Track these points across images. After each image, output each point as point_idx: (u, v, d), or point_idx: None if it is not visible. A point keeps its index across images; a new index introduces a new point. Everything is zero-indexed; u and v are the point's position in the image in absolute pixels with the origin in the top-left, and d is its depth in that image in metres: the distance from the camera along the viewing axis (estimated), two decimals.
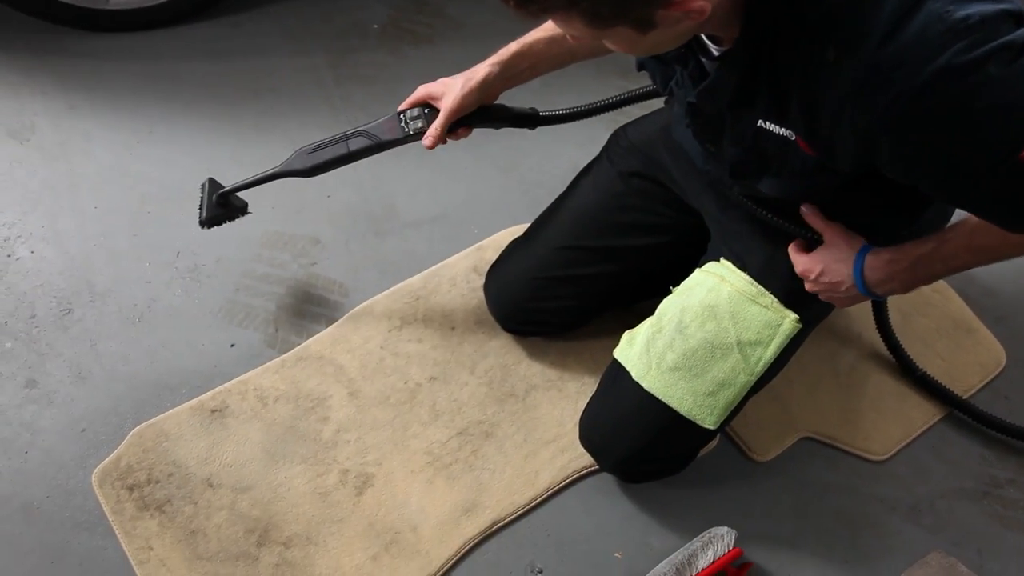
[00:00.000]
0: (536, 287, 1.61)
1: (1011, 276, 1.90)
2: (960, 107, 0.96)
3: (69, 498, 1.48)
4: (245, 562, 1.43)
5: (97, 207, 1.84)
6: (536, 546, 1.50)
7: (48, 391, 1.60)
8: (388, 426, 1.58)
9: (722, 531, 1.48)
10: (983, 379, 1.75)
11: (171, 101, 2.03)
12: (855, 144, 1.05)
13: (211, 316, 1.70)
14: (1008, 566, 1.54)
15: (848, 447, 1.64)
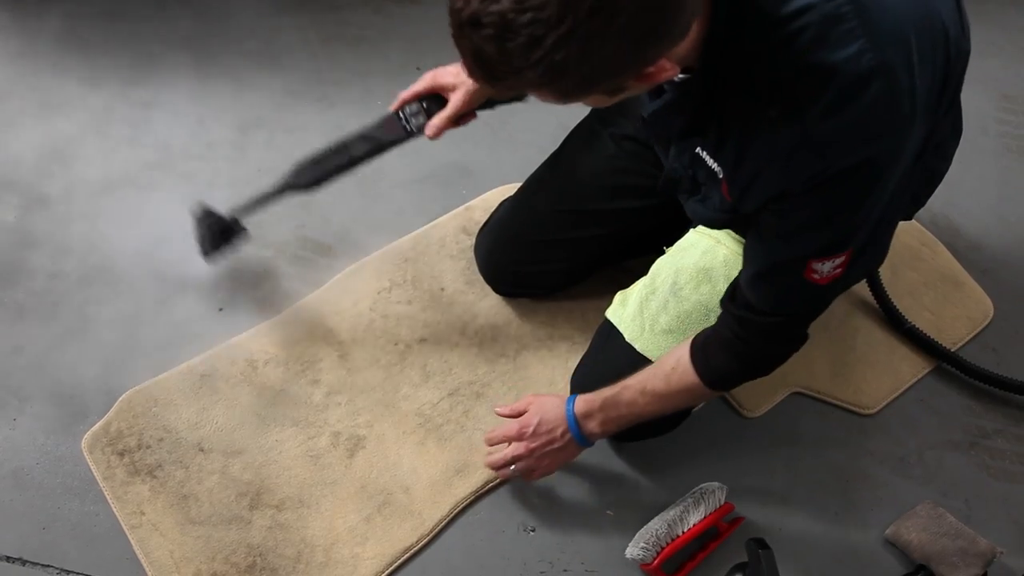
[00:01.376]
0: (528, 250, 1.60)
1: (996, 230, 1.90)
2: (864, 193, 1.06)
3: (59, 464, 1.48)
4: (238, 525, 1.44)
5: (81, 171, 1.82)
6: (528, 505, 1.51)
7: (36, 356, 1.59)
8: (379, 388, 1.58)
9: (713, 487, 1.49)
10: (971, 331, 1.75)
11: (156, 63, 2.00)
12: (764, 198, 1.11)
13: (199, 281, 1.69)
14: (995, 514, 1.55)
15: (838, 401, 1.65)
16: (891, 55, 0.99)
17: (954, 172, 1.39)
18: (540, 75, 0.89)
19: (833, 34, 0.97)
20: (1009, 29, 2.26)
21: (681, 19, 0.92)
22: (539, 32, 0.83)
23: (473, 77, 0.93)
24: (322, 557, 1.42)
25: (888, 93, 0.99)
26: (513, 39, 0.85)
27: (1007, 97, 2.12)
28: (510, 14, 0.83)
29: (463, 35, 0.88)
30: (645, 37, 0.90)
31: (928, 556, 1.45)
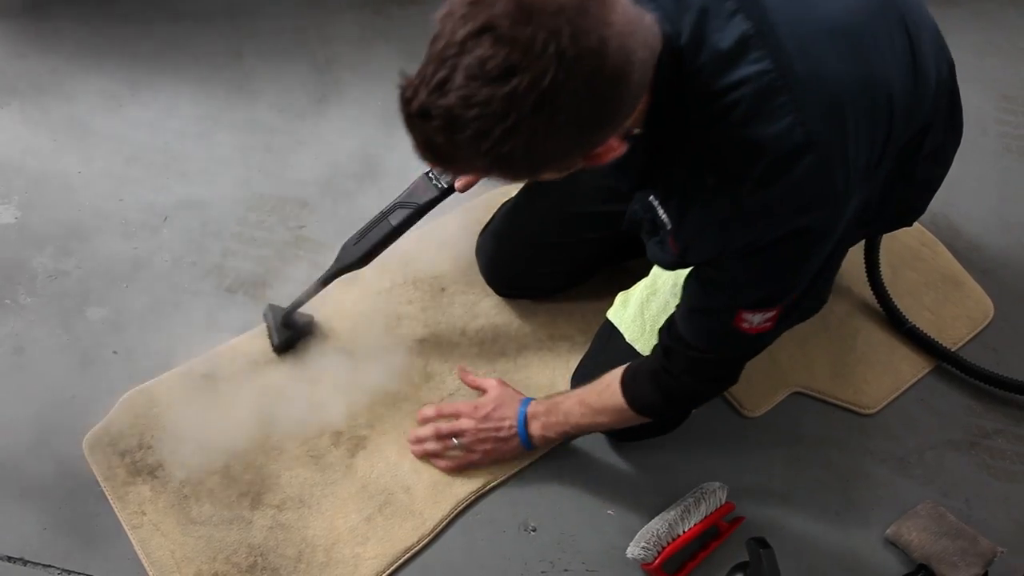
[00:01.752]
0: (531, 255, 1.60)
1: (996, 231, 1.90)
2: (797, 260, 1.12)
3: (60, 464, 1.48)
4: (239, 525, 1.44)
5: (81, 172, 1.82)
6: (529, 505, 1.51)
7: (36, 358, 1.59)
8: (379, 388, 1.58)
9: (714, 486, 1.49)
10: (971, 331, 1.75)
11: (154, 63, 2.00)
12: (704, 257, 1.17)
13: (199, 280, 1.69)
14: (996, 514, 1.55)
15: (838, 401, 1.65)
16: (824, 129, 1.01)
17: (954, 172, 1.40)
18: (489, 164, 0.92)
19: (766, 108, 1.00)
20: (1008, 29, 2.27)
21: (626, 104, 0.94)
22: (486, 126, 0.86)
23: (425, 161, 0.95)
24: (323, 557, 1.42)
25: (819, 168, 1.02)
26: (461, 132, 0.87)
27: (1007, 97, 2.12)
28: (457, 109, 0.86)
29: (413, 125, 0.91)
30: (590, 126, 0.92)
31: (929, 556, 1.45)
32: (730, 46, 1.00)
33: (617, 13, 0.87)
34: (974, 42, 2.23)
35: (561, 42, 0.83)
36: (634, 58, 0.90)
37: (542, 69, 0.83)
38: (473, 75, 0.84)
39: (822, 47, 1.03)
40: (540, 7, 0.83)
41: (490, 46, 0.83)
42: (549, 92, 0.84)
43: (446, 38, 0.86)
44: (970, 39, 2.23)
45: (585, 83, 0.86)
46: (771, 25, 1.00)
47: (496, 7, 0.84)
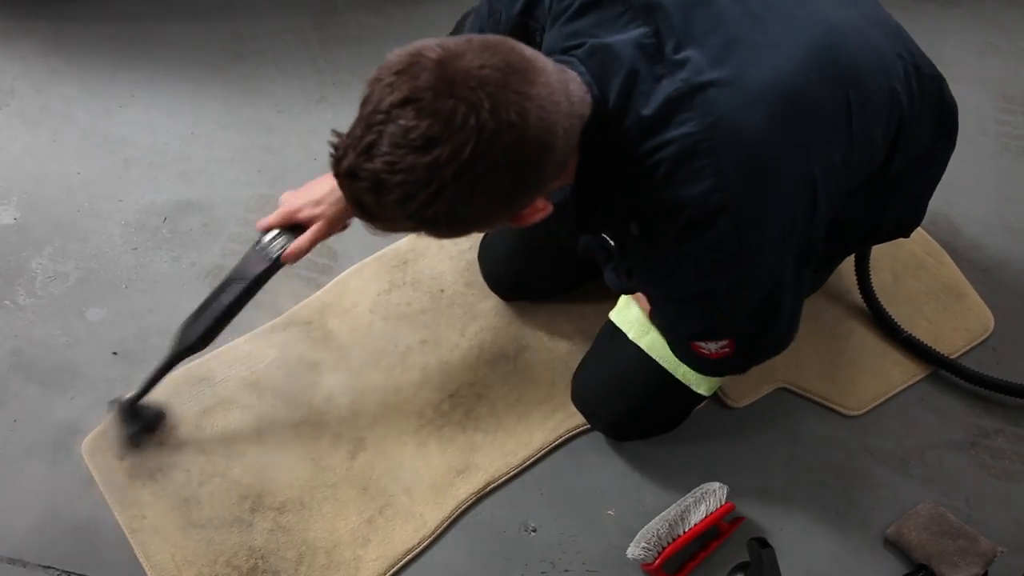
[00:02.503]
0: (533, 258, 1.60)
1: (996, 230, 1.90)
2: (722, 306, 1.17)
3: (60, 466, 1.48)
4: (239, 528, 1.44)
5: (81, 173, 1.82)
6: (529, 505, 1.51)
7: (36, 359, 1.59)
8: (379, 390, 1.58)
9: (714, 486, 1.49)
10: (968, 343, 1.74)
11: (153, 64, 2.00)
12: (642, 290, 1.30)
13: (198, 281, 1.69)
14: (996, 514, 1.55)
15: (823, 400, 1.64)
16: (744, 191, 1.04)
17: (953, 172, 1.40)
18: (415, 225, 0.97)
19: (687, 170, 1.03)
20: (1008, 29, 2.26)
21: (548, 171, 0.98)
22: (410, 192, 0.91)
23: (355, 215, 0.99)
24: (324, 559, 1.42)
25: (735, 230, 1.05)
26: (387, 195, 0.92)
27: (1006, 97, 2.12)
28: (383, 174, 0.91)
29: (342, 183, 0.96)
30: (511, 192, 0.97)
31: (929, 555, 1.45)
32: (656, 110, 1.02)
33: (539, 85, 0.92)
34: (974, 42, 2.22)
35: (481, 115, 0.87)
36: (556, 128, 0.94)
37: (462, 141, 0.87)
38: (397, 143, 0.89)
39: (755, 108, 1.03)
40: (461, 81, 0.88)
41: (413, 116, 0.88)
42: (469, 163, 0.88)
43: (373, 104, 0.91)
44: (970, 39, 2.23)
45: (505, 154, 0.90)
46: (701, 85, 1.02)
47: (420, 79, 0.89)
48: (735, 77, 1.03)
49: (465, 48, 0.91)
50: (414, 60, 0.90)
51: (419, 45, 0.92)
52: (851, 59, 1.12)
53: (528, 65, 0.92)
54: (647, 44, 1.04)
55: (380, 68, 0.93)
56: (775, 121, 1.04)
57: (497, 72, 0.89)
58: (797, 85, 1.06)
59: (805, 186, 1.09)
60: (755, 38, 1.06)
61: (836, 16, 1.13)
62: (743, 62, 1.04)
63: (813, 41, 1.09)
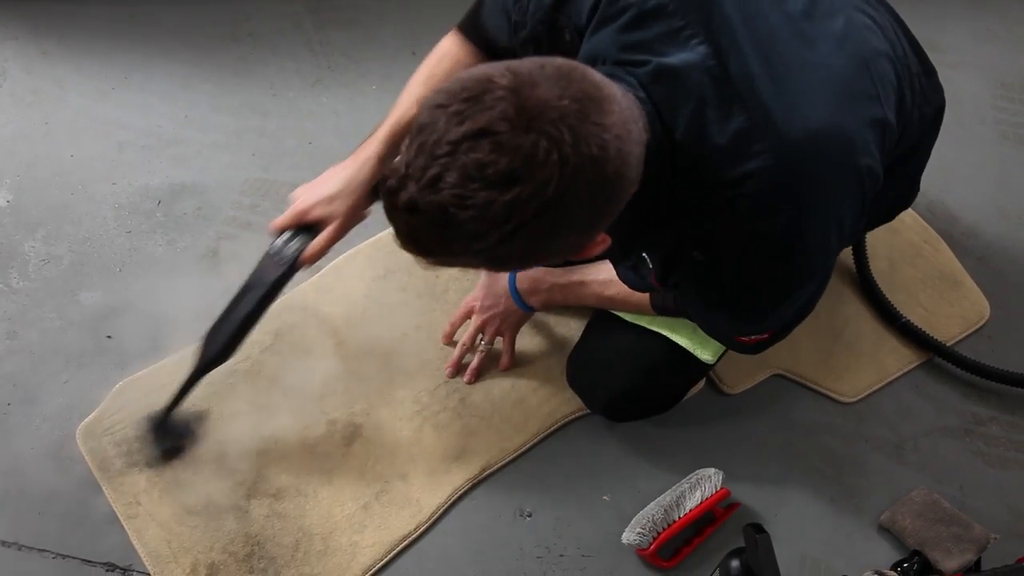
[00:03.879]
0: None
1: (992, 217, 1.90)
2: (771, 312, 1.20)
3: (54, 450, 1.48)
4: (235, 515, 1.43)
5: (74, 155, 1.81)
6: (525, 491, 1.51)
7: (29, 342, 1.58)
8: (375, 376, 1.58)
9: (709, 472, 1.49)
10: (964, 331, 1.74)
11: (147, 46, 1.98)
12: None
13: (193, 265, 1.69)
14: (990, 501, 1.56)
15: (818, 386, 1.65)
16: (820, 222, 1.05)
17: (951, 159, 1.40)
18: (479, 262, 0.92)
19: (765, 204, 1.02)
20: (1006, 17, 2.26)
21: (621, 203, 0.94)
22: (481, 228, 0.85)
23: (405, 249, 0.92)
24: (320, 545, 1.42)
25: (809, 256, 1.08)
26: (453, 230, 0.85)
27: (1004, 85, 2.11)
28: (451, 207, 0.84)
29: (397, 217, 0.88)
30: (589, 226, 0.93)
31: (923, 542, 1.45)
32: (728, 141, 1.00)
33: (614, 114, 0.87)
34: (972, 29, 2.22)
35: (563, 150, 0.82)
36: (631, 159, 0.90)
37: (545, 179, 0.82)
38: (470, 176, 0.82)
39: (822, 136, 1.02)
40: (540, 113, 0.82)
41: (490, 151, 0.82)
42: (552, 200, 0.83)
43: (439, 133, 0.84)
44: (968, 26, 2.22)
45: (587, 190, 0.85)
46: (768, 114, 1.00)
47: (495, 110, 0.82)
48: (800, 102, 1.01)
49: (538, 76, 0.85)
50: (484, 88, 0.84)
51: (486, 70, 0.86)
52: (882, 72, 1.12)
53: (602, 94, 0.87)
54: (711, 66, 1.00)
55: (439, 92, 0.86)
56: (840, 146, 1.04)
57: (575, 103, 0.84)
58: (851, 105, 1.06)
59: (862, 192, 1.09)
60: (807, 56, 1.04)
61: (860, 23, 1.14)
62: (805, 87, 1.02)
63: (856, 55, 1.09)
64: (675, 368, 1.46)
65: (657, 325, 1.43)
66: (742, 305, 1.18)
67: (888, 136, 1.12)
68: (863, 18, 1.16)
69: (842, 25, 1.10)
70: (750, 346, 1.28)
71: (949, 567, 1.42)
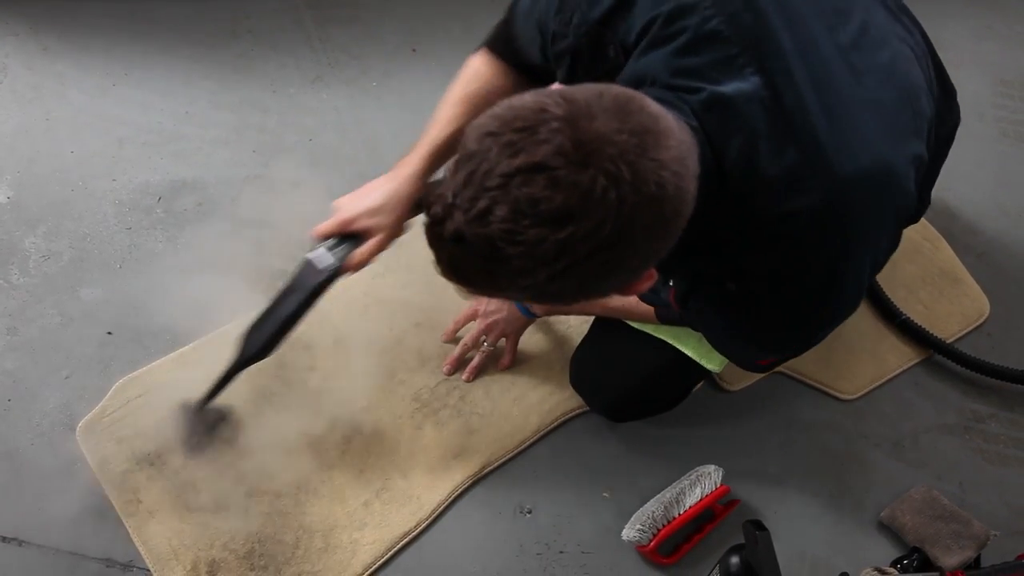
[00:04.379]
0: None
1: (992, 214, 1.90)
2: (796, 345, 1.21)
3: (54, 446, 1.48)
4: (236, 512, 1.43)
5: (74, 152, 1.80)
6: (525, 487, 1.51)
7: (30, 338, 1.58)
8: (375, 374, 1.58)
9: (709, 469, 1.49)
10: (963, 328, 1.75)
11: (147, 42, 1.98)
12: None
13: (193, 261, 1.68)
14: (989, 498, 1.57)
15: (818, 384, 1.65)
16: (859, 261, 1.05)
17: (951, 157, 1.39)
18: (525, 297, 0.90)
19: (810, 242, 1.00)
20: (1006, 14, 2.26)
21: (675, 238, 0.88)
22: (530, 266, 0.81)
23: (446, 278, 0.89)
24: (321, 543, 1.42)
25: (853, 291, 1.07)
26: (500, 265, 0.82)
27: (1004, 82, 2.11)
28: (500, 242, 0.80)
29: (441, 246, 0.85)
30: (642, 265, 0.88)
31: (922, 539, 1.46)
32: (779, 175, 0.97)
33: (672, 149, 0.82)
34: (972, 27, 2.22)
35: (622, 189, 0.78)
36: (687, 196, 0.85)
37: (602, 218, 0.78)
38: (522, 212, 0.78)
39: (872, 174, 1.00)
40: (598, 148, 0.78)
41: (544, 187, 0.77)
42: (607, 240, 0.79)
43: (490, 164, 0.79)
44: (968, 24, 2.22)
45: (643, 230, 0.81)
46: (820, 150, 0.97)
47: (551, 143, 0.78)
48: (852, 139, 0.99)
49: (596, 106, 0.80)
50: (539, 119, 0.79)
51: (540, 99, 0.81)
52: (922, 108, 1.10)
53: (659, 127, 0.83)
54: (764, 97, 0.96)
55: (490, 118, 0.81)
56: (888, 186, 1.02)
57: (635, 138, 0.79)
58: (897, 142, 1.04)
59: (899, 227, 1.09)
60: (858, 92, 1.02)
61: (904, 55, 1.12)
62: (857, 123, 1.00)
63: (902, 90, 1.07)
64: (679, 372, 1.47)
65: (663, 334, 1.43)
66: (769, 336, 1.16)
67: (921, 170, 1.09)
68: (905, 49, 1.13)
69: (888, 58, 1.07)
70: (765, 366, 1.29)
71: (949, 564, 1.42)
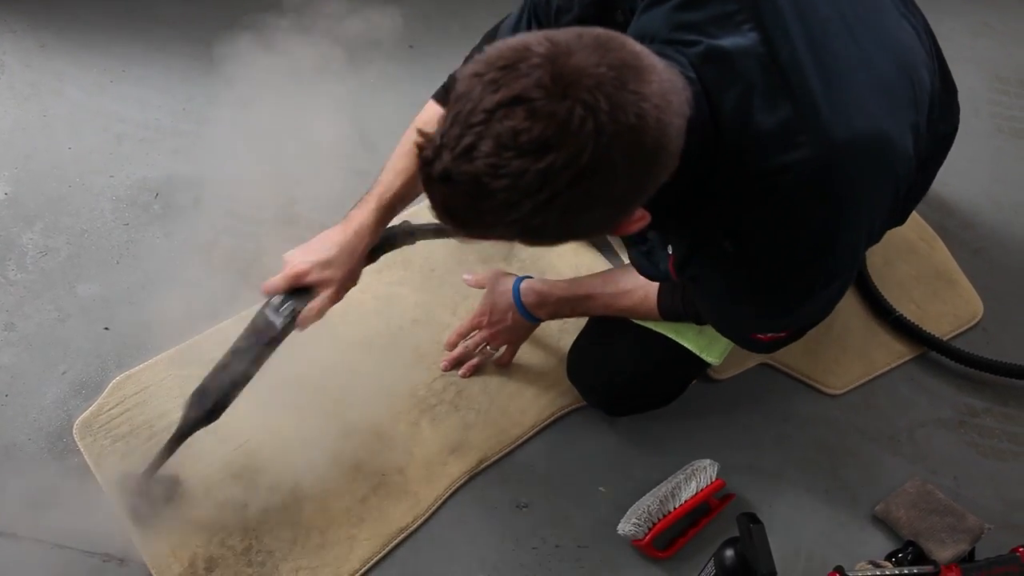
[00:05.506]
0: None
1: (988, 210, 1.91)
2: (795, 307, 1.17)
3: (51, 441, 1.48)
4: (233, 509, 1.44)
5: (72, 148, 1.81)
6: (521, 482, 1.52)
7: (27, 334, 1.58)
8: (371, 370, 1.58)
9: (704, 463, 1.50)
10: (955, 328, 1.74)
11: (145, 39, 1.98)
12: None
13: (191, 257, 1.69)
14: (983, 491, 1.57)
15: (805, 377, 1.65)
16: (854, 218, 1.05)
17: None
18: (514, 233, 0.90)
19: (801, 198, 1.01)
20: (1001, 10, 2.26)
21: (660, 176, 0.91)
22: (515, 198, 0.83)
23: (441, 221, 0.91)
24: (318, 539, 1.43)
25: (842, 251, 1.07)
26: (487, 200, 0.84)
27: (1000, 78, 2.12)
28: (484, 177, 0.82)
29: (432, 187, 0.87)
30: (625, 200, 0.90)
31: (917, 532, 1.46)
32: (772, 129, 0.98)
33: (653, 84, 0.84)
34: (968, 23, 2.22)
35: (599, 118, 0.80)
36: (670, 130, 0.87)
37: (580, 146, 0.80)
38: (504, 145, 0.81)
39: (863, 136, 1.01)
40: (576, 80, 0.80)
41: (524, 118, 0.80)
42: (587, 169, 0.81)
43: (474, 102, 0.82)
44: (964, 19, 2.23)
45: (623, 160, 0.83)
46: (814, 107, 0.98)
47: (530, 77, 0.80)
48: (847, 100, 1.01)
49: (576, 44, 0.83)
50: (520, 56, 0.82)
51: (524, 39, 0.84)
52: (921, 79, 1.12)
53: (641, 63, 0.85)
54: (761, 53, 0.99)
55: (478, 62, 0.84)
56: (883, 151, 1.03)
57: (613, 71, 0.82)
58: (895, 109, 1.06)
59: (896, 195, 1.09)
60: (855, 53, 1.03)
61: (905, 27, 1.14)
62: (854, 85, 1.02)
63: (900, 58, 1.09)
64: (677, 365, 1.47)
65: (662, 328, 1.43)
66: (766, 300, 1.16)
67: (919, 143, 1.10)
68: (906, 24, 1.15)
69: (888, 26, 1.09)
70: (765, 344, 1.27)
71: (943, 557, 1.42)
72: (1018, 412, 1.66)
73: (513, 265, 1.70)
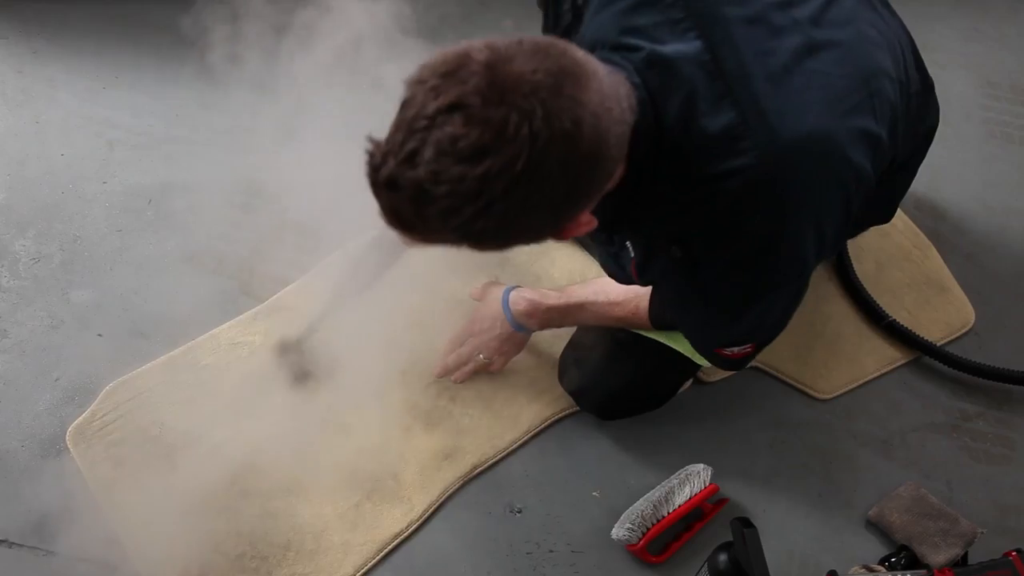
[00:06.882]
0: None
1: (979, 215, 1.91)
2: (756, 321, 1.20)
3: (44, 448, 1.48)
4: (227, 514, 1.43)
5: (64, 154, 1.81)
6: (515, 487, 1.52)
7: (20, 340, 1.58)
8: (365, 375, 1.57)
9: (698, 468, 1.50)
10: (946, 336, 1.74)
11: (137, 45, 1.98)
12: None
13: (184, 264, 1.69)
14: (976, 496, 1.57)
15: (794, 382, 1.65)
16: (799, 225, 1.05)
17: (938, 158, 1.41)
18: (458, 238, 0.92)
19: (745, 204, 1.02)
20: (993, 16, 2.27)
21: (599, 182, 0.93)
22: (456, 204, 0.84)
23: (390, 227, 0.93)
24: (312, 544, 1.42)
25: (793, 254, 1.08)
26: (430, 206, 0.86)
27: (991, 83, 2.12)
28: (426, 183, 0.84)
29: (380, 193, 0.89)
30: (563, 205, 0.91)
31: (910, 537, 1.46)
32: (716, 135, 1.00)
33: (592, 91, 0.86)
34: (959, 28, 2.23)
35: (534, 124, 0.82)
36: (609, 137, 0.89)
37: (515, 152, 0.82)
38: (444, 151, 0.83)
39: (811, 137, 1.02)
40: (512, 87, 0.82)
41: (461, 124, 0.82)
42: (522, 175, 0.83)
43: (416, 108, 0.84)
44: (955, 25, 2.23)
45: (559, 165, 0.84)
46: (760, 112, 1.00)
47: (468, 84, 0.82)
48: (793, 105, 1.02)
49: (515, 51, 0.85)
50: (461, 62, 0.84)
51: (466, 46, 0.86)
52: (881, 89, 1.12)
53: (580, 70, 0.87)
54: (705, 61, 1.00)
55: (422, 68, 0.86)
56: (828, 154, 1.04)
57: (550, 77, 0.83)
58: (843, 114, 1.06)
59: (847, 203, 1.09)
60: (808, 63, 1.04)
61: (869, 38, 1.14)
62: (801, 91, 1.03)
63: (858, 68, 1.09)
64: (667, 368, 1.48)
65: (653, 333, 1.44)
66: (715, 305, 1.17)
67: (880, 153, 1.11)
68: (873, 33, 1.15)
69: (849, 37, 1.10)
70: (732, 360, 1.29)
71: (936, 561, 1.42)
72: (1011, 416, 1.66)
73: (507, 271, 1.70)
